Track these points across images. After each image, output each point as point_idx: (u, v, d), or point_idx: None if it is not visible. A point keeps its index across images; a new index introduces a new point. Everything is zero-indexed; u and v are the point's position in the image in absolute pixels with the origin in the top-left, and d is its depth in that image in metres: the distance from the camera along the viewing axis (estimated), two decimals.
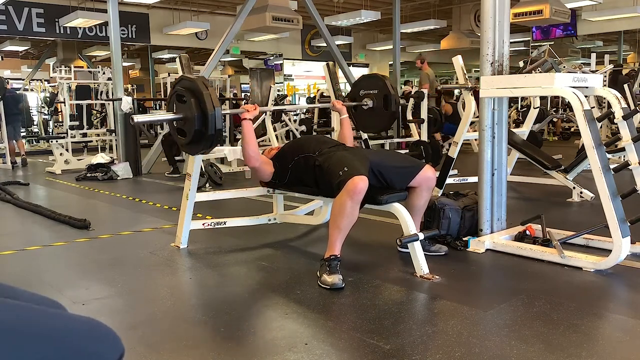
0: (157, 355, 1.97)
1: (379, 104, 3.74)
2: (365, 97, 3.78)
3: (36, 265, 3.23)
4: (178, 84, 2.90)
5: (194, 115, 2.75)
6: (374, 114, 3.78)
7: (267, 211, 3.77)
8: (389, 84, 3.70)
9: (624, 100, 2.90)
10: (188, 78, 2.88)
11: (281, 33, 11.92)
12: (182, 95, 2.81)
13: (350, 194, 2.59)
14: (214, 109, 2.72)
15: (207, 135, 2.77)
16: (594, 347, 1.95)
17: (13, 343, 0.75)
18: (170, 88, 2.98)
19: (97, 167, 7.03)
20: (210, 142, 2.83)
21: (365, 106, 3.78)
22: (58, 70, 9.98)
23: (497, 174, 3.32)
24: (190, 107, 2.77)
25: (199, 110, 2.75)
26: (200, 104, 2.74)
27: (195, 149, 2.95)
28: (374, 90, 3.74)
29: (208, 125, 2.74)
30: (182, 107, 2.83)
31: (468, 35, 13.82)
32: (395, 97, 3.69)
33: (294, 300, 2.47)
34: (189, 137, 2.84)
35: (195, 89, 2.78)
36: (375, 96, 3.74)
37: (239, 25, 7.47)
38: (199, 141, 2.84)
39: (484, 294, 2.62)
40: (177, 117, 2.88)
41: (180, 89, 2.84)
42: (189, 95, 2.78)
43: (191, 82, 2.82)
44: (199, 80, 2.80)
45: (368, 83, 3.84)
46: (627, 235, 2.67)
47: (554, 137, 11.11)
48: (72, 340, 0.83)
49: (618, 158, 5.51)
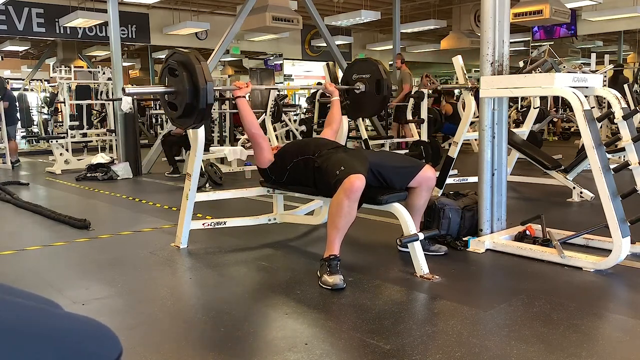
0: (157, 355, 1.97)
1: (371, 88, 3.74)
2: (358, 81, 3.79)
3: (36, 265, 3.23)
4: (171, 57, 2.90)
5: (186, 89, 2.76)
6: (366, 98, 3.78)
7: (267, 211, 3.77)
8: (382, 68, 3.70)
9: (624, 100, 2.90)
10: (180, 52, 2.89)
11: (281, 33, 11.91)
12: (174, 69, 2.82)
13: (347, 192, 2.59)
14: (206, 83, 2.73)
15: (198, 109, 2.79)
16: (594, 347, 1.95)
17: (10, 342, 0.75)
18: (164, 61, 2.98)
19: (97, 167, 7.03)
20: (201, 116, 2.84)
21: (357, 90, 3.79)
22: (58, 70, 9.97)
23: (497, 174, 3.32)
24: (182, 80, 2.78)
25: (190, 84, 2.76)
26: (192, 77, 2.75)
27: (185, 122, 2.96)
28: (367, 74, 3.75)
29: (199, 99, 2.76)
30: (174, 81, 2.84)
31: (468, 35, 13.81)
32: (388, 82, 3.70)
33: (294, 300, 2.47)
34: (180, 111, 2.86)
35: (188, 62, 2.78)
36: (368, 80, 3.75)
37: (239, 25, 7.47)
38: (190, 115, 2.86)
39: (484, 294, 2.62)
40: (168, 90, 2.89)
41: (173, 62, 2.84)
42: (181, 69, 2.78)
43: (184, 56, 2.82)
44: (192, 54, 2.81)
45: (361, 67, 3.84)
46: (627, 235, 2.67)
47: (554, 137, 11.12)
48: (70, 339, 0.83)
49: (618, 158, 5.51)
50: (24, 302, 0.88)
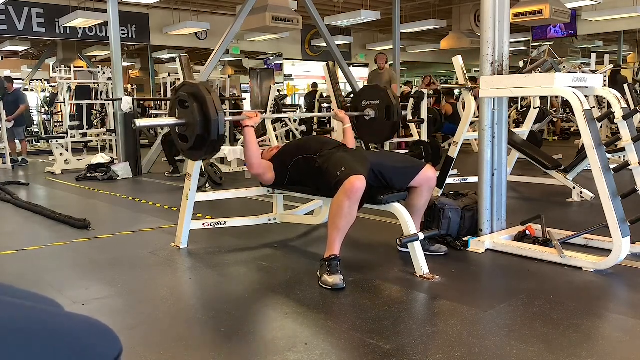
0: (157, 355, 1.97)
1: (380, 114, 3.77)
2: (367, 108, 3.82)
3: (36, 265, 3.23)
4: (180, 89, 2.89)
5: (197, 121, 2.74)
6: (376, 124, 3.80)
7: (267, 211, 3.77)
8: (391, 94, 3.75)
9: (624, 100, 2.90)
10: (190, 83, 2.87)
11: (281, 33, 11.91)
12: (184, 101, 2.80)
13: (348, 193, 2.59)
14: (217, 114, 2.71)
15: (209, 140, 2.75)
16: (594, 347, 1.95)
17: (10, 341, 0.75)
18: (173, 93, 2.97)
19: (97, 167, 7.03)
20: (213, 147, 2.81)
21: (367, 116, 3.81)
22: (58, 70, 9.99)
23: (497, 174, 3.32)
24: (193, 112, 2.75)
25: (201, 116, 2.73)
26: (203, 109, 2.73)
27: (197, 154, 2.94)
28: (376, 100, 3.79)
29: (210, 131, 2.72)
30: (184, 113, 2.82)
31: (468, 35, 13.82)
32: (397, 108, 3.73)
33: (294, 300, 2.47)
34: (191, 143, 2.82)
35: (198, 94, 2.76)
36: (377, 107, 3.78)
37: (239, 25, 7.43)
38: (201, 147, 2.82)
39: (484, 294, 2.62)
40: (179, 122, 2.86)
41: (183, 94, 2.82)
42: (192, 101, 2.76)
43: (193, 87, 2.81)
44: (202, 86, 2.79)
45: (370, 93, 3.89)
46: (627, 235, 2.67)
47: (554, 137, 11.11)
48: (70, 338, 0.83)
49: (618, 158, 5.51)
50: (24, 302, 0.88)
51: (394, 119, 3.72)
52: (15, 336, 0.77)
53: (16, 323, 0.79)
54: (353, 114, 3.83)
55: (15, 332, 0.77)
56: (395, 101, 3.71)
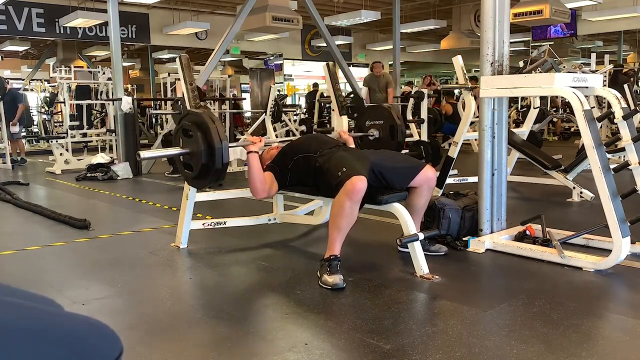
0: (157, 355, 1.98)
1: (385, 134, 3.78)
2: (371, 128, 3.82)
3: (36, 265, 3.23)
4: (184, 119, 2.89)
5: (201, 150, 2.74)
6: (380, 145, 3.78)
7: (267, 211, 3.77)
8: (395, 114, 3.75)
9: (624, 100, 2.90)
10: (194, 112, 2.86)
11: (281, 33, 11.91)
12: (188, 130, 2.80)
13: (349, 194, 2.59)
14: (221, 142, 2.71)
15: (213, 169, 2.76)
16: (594, 347, 1.95)
17: (10, 341, 0.75)
18: (176, 123, 2.97)
19: (97, 167, 7.04)
20: (217, 176, 2.82)
21: (371, 136, 3.82)
22: (58, 70, 9.99)
23: (497, 174, 3.32)
24: (197, 141, 2.75)
25: (205, 145, 2.74)
26: (207, 138, 2.73)
27: (202, 183, 2.95)
28: (380, 120, 3.79)
29: (215, 160, 2.73)
30: (188, 142, 2.82)
31: (468, 35, 13.82)
32: (402, 128, 3.73)
33: (294, 300, 2.47)
34: (196, 172, 2.83)
35: (202, 123, 2.76)
36: (381, 126, 3.79)
37: (239, 25, 7.47)
38: (206, 175, 2.83)
39: (483, 294, 2.62)
40: (183, 151, 2.87)
41: (187, 124, 2.82)
42: (195, 130, 2.76)
43: (197, 117, 2.81)
44: (205, 115, 2.79)
45: (374, 114, 3.90)
46: (627, 235, 2.67)
47: (554, 137, 11.12)
48: (71, 338, 0.83)
49: (618, 158, 5.51)
50: (23, 302, 0.88)
51: (398, 138, 3.72)
52: (15, 337, 0.77)
53: (16, 323, 0.79)
54: (357, 135, 3.83)
55: (16, 332, 0.77)
56: (399, 121, 3.72)
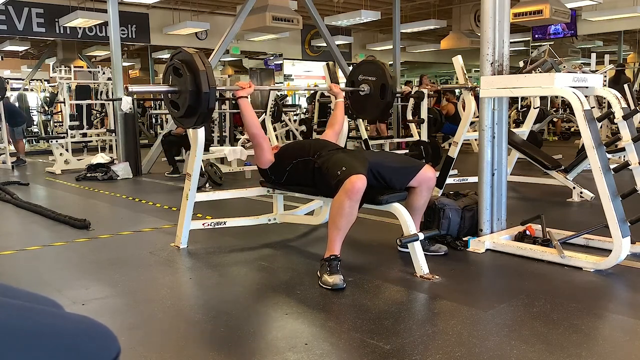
0: (157, 355, 1.98)
1: (375, 91, 3.70)
2: (363, 82, 3.75)
3: (36, 265, 3.23)
4: (176, 56, 2.88)
5: (188, 91, 2.75)
6: (370, 101, 3.74)
7: (267, 211, 3.77)
8: (388, 72, 3.66)
9: (624, 100, 2.90)
10: (186, 51, 2.86)
11: (281, 33, 11.91)
12: (178, 69, 2.80)
13: (349, 193, 2.59)
14: (209, 88, 2.72)
15: (199, 112, 2.78)
16: (594, 347, 1.95)
17: (8, 341, 0.75)
18: (169, 59, 2.96)
19: (97, 167, 7.03)
20: (203, 118, 2.86)
21: (362, 92, 3.75)
22: (58, 70, 9.98)
23: (497, 174, 3.32)
24: (186, 81, 2.76)
25: (193, 87, 2.75)
26: (196, 80, 2.73)
27: (187, 122, 2.98)
28: (373, 77, 3.70)
29: (201, 103, 2.75)
30: (177, 80, 2.83)
31: (468, 35, 13.81)
32: (392, 87, 3.66)
33: (294, 300, 2.47)
34: (182, 111, 2.85)
35: (193, 64, 2.76)
36: (373, 83, 3.70)
37: (239, 25, 7.47)
38: (191, 115, 2.86)
39: (484, 294, 2.62)
40: (171, 89, 2.88)
41: (178, 62, 2.82)
42: (186, 70, 2.77)
43: (189, 56, 2.80)
44: (197, 56, 2.79)
45: (368, 68, 3.80)
46: (627, 235, 2.67)
47: (554, 137, 11.12)
48: (68, 338, 0.82)
49: (618, 158, 5.51)
50: (22, 302, 0.88)
51: (388, 98, 3.65)
52: (13, 336, 0.76)
53: (14, 323, 0.78)
54: (347, 89, 3.78)
55: (13, 332, 0.77)
56: (391, 81, 3.63)
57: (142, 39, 12.91)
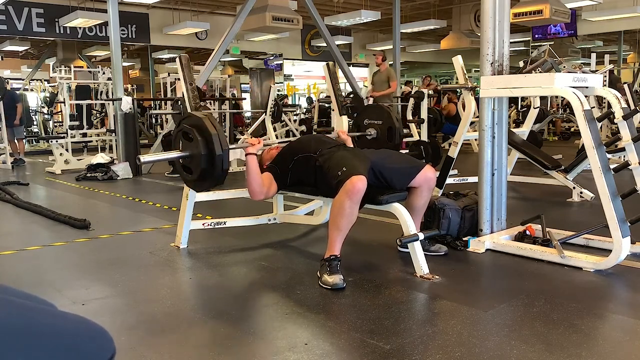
0: (157, 355, 1.97)
1: (382, 134, 3.77)
2: (369, 127, 3.81)
3: (36, 265, 3.23)
4: (184, 121, 2.86)
5: (201, 154, 2.72)
6: (377, 144, 3.77)
7: (267, 211, 3.77)
8: (394, 115, 3.75)
9: (624, 100, 2.90)
10: (195, 116, 2.84)
11: (281, 33, 11.91)
12: (188, 133, 2.78)
13: (349, 193, 2.59)
14: (222, 150, 2.69)
15: (214, 174, 2.75)
16: (594, 347, 1.95)
17: (6, 340, 0.75)
18: (176, 125, 2.94)
19: (97, 167, 7.04)
20: (217, 180, 2.82)
21: (369, 136, 3.81)
22: (58, 70, 9.99)
23: (497, 174, 3.32)
24: (197, 145, 2.72)
25: (206, 150, 2.71)
26: (208, 144, 2.71)
27: (201, 186, 2.95)
28: (379, 120, 3.79)
29: (215, 165, 2.71)
30: (188, 145, 2.79)
31: (468, 35, 13.82)
32: (400, 130, 3.73)
33: (294, 300, 2.47)
34: (195, 175, 2.82)
35: (203, 127, 2.73)
36: (380, 127, 3.78)
37: (239, 25, 7.47)
38: (205, 179, 2.82)
39: (484, 294, 2.62)
40: (183, 155, 2.85)
41: (187, 127, 2.79)
42: (196, 133, 2.74)
43: (198, 120, 2.78)
44: (207, 119, 2.76)
45: (373, 113, 3.89)
46: (627, 235, 2.67)
47: (554, 137, 11.12)
48: (64, 338, 0.82)
49: (618, 158, 5.51)
50: (18, 300, 0.88)
51: (396, 140, 3.72)
52: (8, 335, 0.76)
53: (9, 322, 0.78)
54: (355, 134, 3.83)
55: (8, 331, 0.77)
56: (397, 123, 3.71)
57: (142, 39, 12.92)
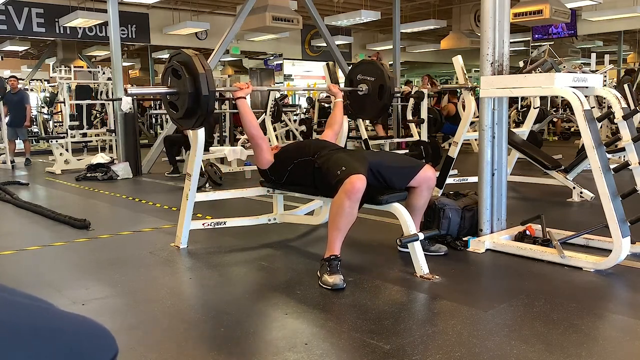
0: (157, 355, 1.97)
1: (373, 91, 3.70)
2: (361, 82, 3.75)
3: (36, 265, 3.23)
4: (175, 58, 2.87)
5: (188, 93, 2.74)
6: (368, 101, 3.74)
7: (267, 211, 3.77)
8: (387, 73, 3.66)
9: (624, 100, 2.90)
10: (185, 53, 2.85)
11: (281, 33, 11.90)
12: (177, 70, 2.79)
13: (348, 193, 2.59)
14: (209, 91, 2.72)
15: (199, 113, 2.78)
16: (594, 347, 1.95)
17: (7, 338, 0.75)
18: (167, 60, 2.95)
19: (97, 167, 7.03)
20: (202, 120, 2.85)
21: (360, 91, 3.75)
22: (58, 70, 9.98)
23: (497, 174, 3.32)
24: (185, 83, 2.75)
25: (193, 89, 2.74)
26: (196, 83, 2.73)
27: (186, 123, 2.98)
28: (371, 77, 3.70)
29: (201, 105, 2.74)
30: (176, 82, 2.82)
31: (468, 35, 13.82)
32: (391, 88, 3.66)
33: (294, 300, 2.47)
34: (181, 113, 2.85)
35: (192, 66, 2.75)
36: (372, 83, 3.70)
37: (239, 25, 7.47)
38: (190, 117, 2.86)
39: (484, 294, 2.62)
40: (170, 91, 2.87)
41: (177, 64, 2.80)
42: (185, 72, 2.75)
43: (188, 58, 2.78)
44: (196, 58, 2.77)
45: (367, 68, 3.81)
46: (627, 235, 2.67)
47: (554, 137, 11.12)
48: (64, 338, 0.82)
49: (618, 158, 5.51)
50: (17, 299, 0.88)
51: (385, 99, 3.66)
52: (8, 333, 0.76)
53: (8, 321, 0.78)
54: (346, 89, 3.79)
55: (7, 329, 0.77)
56: (389, 82, 3.63)
57: (142, 39, 12.92)
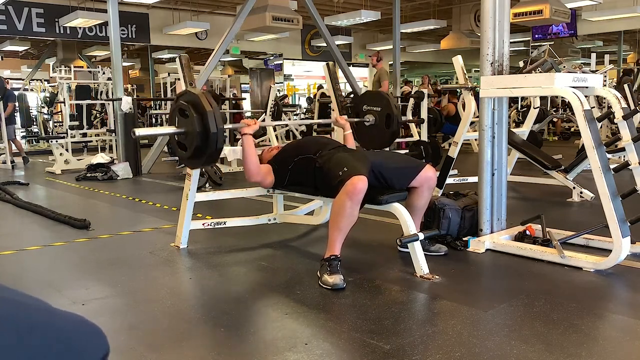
0: (157, 355, 1.97)
1: (380, 121, 3.75)
2: (368, 113, 3.80)
3: (36, 265, 3.23)
4: (181, 97, 2.86)
5: (196, 132, 2.71)
6: (375, 131, 3.77)
7: (267, 211, 3.77)
8: (393, 103, 3.73)
9: (624, 100, 2.90)
10: (191, 92, 2.84)
11: (281, 33, 11.90)
12: (184, 110, 2.78)
13: (350, 194, 2.59)
14: (217, 128, 2.69)
15: (208, 152, 2.75)
16: (594, 347, 1.94)
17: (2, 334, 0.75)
18: (174, 100, 2.94)
19: (97, 167, 7.04)
20: (211, 159, 2.82)
21: (367, 122, 3.80)
22: (58, 70, 9.99)
23: (497, 174, 3.32)
24: (192, 123, 2.72)
25: (201, 127, 2.71)
26: (204, 121, 2.70)
27: (195, 163, 2.95)
28: (377, 107, 3.77)
29: (209, 144, 2.71)
30: (184, 122, 2.80)
31: (468, 35, 13.83)
32: (398, 117, 3.71)
33: (294, 300, 2.47)
34: (190, 152, 2.82)
35: (199, 105, 2.73)
36: (378, 113, 3.76)
37: (239, 25, 7.47)
38: (199, 156, 2.82)
39: (484, 294, 2.62)
40: (178, 131, 2.84)
41: (183, 104, 2.79)
42: (192, 111, 2.74)
43: (195, 97, 2.77)
44: (203, 97, 2.75)
45: (372, 99, 3.87)
46: (627, 235, 2.67)
47: (554, 137, 11.12)
48: (59, 334, 0.82)
49: (618, 158, 5.51)
50: (10, 296, 0.87)
51: (394, 128, 3.70)
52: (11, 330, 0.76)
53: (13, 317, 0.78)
54: (353, 120, 3.83)
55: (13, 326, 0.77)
56: (396, 110, 3.70)
57: (142, 39, 12.92)
